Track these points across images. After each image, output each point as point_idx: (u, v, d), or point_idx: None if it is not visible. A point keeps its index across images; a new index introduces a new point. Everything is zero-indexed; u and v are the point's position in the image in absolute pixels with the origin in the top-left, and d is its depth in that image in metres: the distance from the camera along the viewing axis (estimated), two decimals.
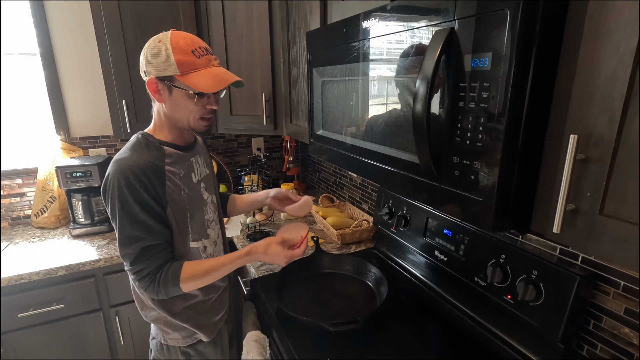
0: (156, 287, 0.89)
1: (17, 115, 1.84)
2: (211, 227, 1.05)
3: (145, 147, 0.90)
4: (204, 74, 0.86)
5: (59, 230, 1.83)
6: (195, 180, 1.00)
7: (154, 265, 0.88)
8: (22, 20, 1.75)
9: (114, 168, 0.85)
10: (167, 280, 0.88)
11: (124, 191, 0.83)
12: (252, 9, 1.62)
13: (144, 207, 0.85)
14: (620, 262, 0.47)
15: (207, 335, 1.04)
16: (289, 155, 2.28)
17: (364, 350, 0.96)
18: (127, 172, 0.83)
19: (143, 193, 0.85)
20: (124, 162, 0.85)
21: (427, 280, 1.23)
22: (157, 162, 0.89)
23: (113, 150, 2.02)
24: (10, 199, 1.86)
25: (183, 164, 0.97)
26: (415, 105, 0.61)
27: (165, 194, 0.89)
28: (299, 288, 1.22)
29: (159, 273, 0.89)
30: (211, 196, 1.07)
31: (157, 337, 1.05)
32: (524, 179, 0.56)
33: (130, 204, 0.84)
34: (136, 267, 0.88)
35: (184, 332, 1.02)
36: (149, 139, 0.92)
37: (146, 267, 0.88)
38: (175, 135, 0.96)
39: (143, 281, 0.89)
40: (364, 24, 0.82)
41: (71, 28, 1.82)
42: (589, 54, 0.46)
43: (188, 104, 0.89)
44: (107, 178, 0.86)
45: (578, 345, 0.87)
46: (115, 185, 0.84)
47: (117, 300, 1.60)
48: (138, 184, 0.84)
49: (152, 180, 0.86)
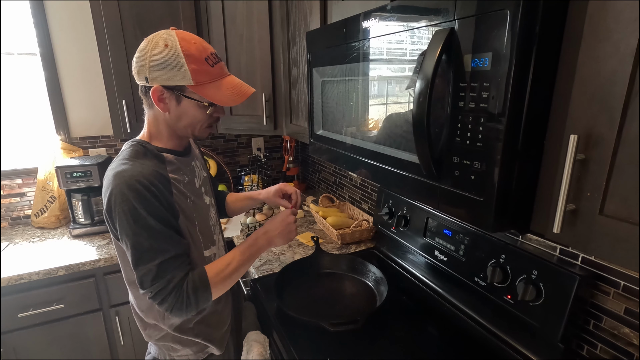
0: (185, 298, 0.79)
1: (17, 115, 1.84)
2: (216, 232, 1.02)
3: (143, 155, 0.83)
4: (221, 85, 0.82)
5: (59, 230, 1.83)
6: (198, 185, 0.96)
7: (179, 277, 0.79)
8: (22, 20, 1.75)
9: (117, 182, 0.76)
10: (197, 287, 0.80)
11: (134, 205, 0.75)
12: (252, 8, 1.62)
13: (159, 218, 0.77)
14: (620, 262, 0.47)
15: (218, 348, 0.99)
16: (289, 155, 2.28)
17: (364, 350, 0.96)
18: (134, 184, 0.75)
19: (155, 203, 0.77)
20: (128, 173, 0.76)
21: (427, 280, 1.23)
22: (160, 170, 0.82)
23: (113, 150, 2.02)
24: (10, 199, 1.86)
25: (186, 169, 0.92)
26: (415, 105, 0.61)
27: (174, 203, 0.84)
28: (299, 288, 1.22)
29: (185, 283, 0.80)
30: (211, 199, 1.05)
31: (160, 355, 0.99)
32: (524, 179, 0.56)
33: (144, 217, 0.76)
34: (159, 285, 0.78)
35: (196, 347, 0.96)
36: (146, 147, 0.85)
37: (170, 282, 0.79)
38: (174, 142, 0.91)
39: (169, 298, 0.78)
40: (364, 24, 0.81)
41: (71, 28, 1.82)
42: (589, 54, 0.46)
43: (197, 114, 0.85)
44: (111, 194, 0.76)
45: (578, 345, 0.87)
46: (124, 200, 0.75)
47: (117, 300, 1.60)
48: (149, 195, 0.76)
49: (160, 190, 0.79)
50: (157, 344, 0.97)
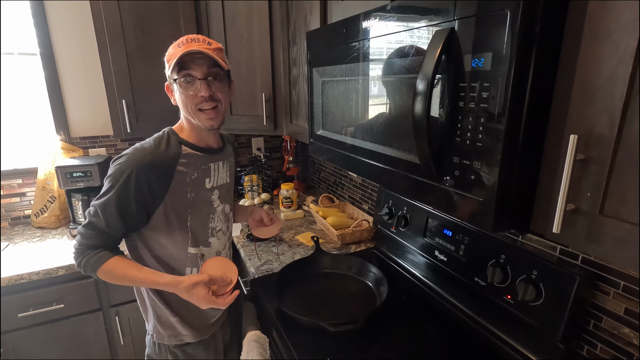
0: (80, 258, 0.91)
1: (17, 115, 1.84)
2: (216, 237, 1.04)
3: (165, 142, 0.93)
4: (177, 55, 0.86)
5: (59, 230, 1.83)
6: (209, 186, 1.00)
7: (93, 243, 0.91)
8: (22, 20, 1.75)
9: (130, 153, 0.89)
10: (87, 264, 0.90)
11: (119, 178, 0.86)
12: (252, 9, 1.62)
13: (120, 201, 0.87)
14: (620, 262, 0.47)
15: (193, 337, 1.03)
16: (289, 155, 2.28)
17: (364, 350, 0.96)
18: (133, 166, 0.86)
19: (130, 190, 0.87)
20: (139, 152, 0.89)
21: (427, 281, 1.23)
22: (168, 160, 0.91)
23: (113, 150, 2.02)
24: (10, 199, 1.86)
25: (199, 167, 0.97)
26: (415, 105, 0.61)
27: (162, 194, 0.91)
28: (299, 288, 1.22)
29: (89, 253, 0.90)
30: (224, 205, 1.06)
31: (150, 334, 1.06)
32: (524, 179, 0.56)
33: (113, 191, 0.87)
34: (85, 232, 0.91)
35: (170, 330, 1.02)
36: (171, 135, 0.95)
37: (87, 240, 0.91)
38: (196, 136, 0.97)
39: (78, 245, 0.92)
40: (364, 24, 0.81)
41: (71, 28, 1.82)
42: (589, 54, 0.46)
43: (181, 96, 0.91)
44: (122, 156, 0.89)
45: (578, 345, 0.87)
46: (119, 169, 0.87)
47: (117, 300, 1.60)
48: (133, 181, 0.86)
49: (149, 179, 0.88)
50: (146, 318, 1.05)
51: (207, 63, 0.89)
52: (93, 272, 0.91)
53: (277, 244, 1.57)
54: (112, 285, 1.56)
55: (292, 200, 1.94)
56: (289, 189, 1.94)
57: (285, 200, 1.94)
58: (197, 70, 0.88)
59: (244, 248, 1.56)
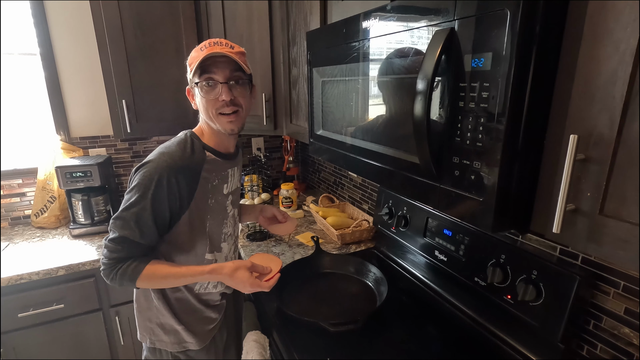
0: (113, 273, 0.88)
1: (17, 115, 1.84)
2: (226, 241, 1.05)
3: (190, 147, 0.91)
4: (199, 58, 0.85)
5: (59, 230, 1.83)
6: (225, 192, 1.00)
7: (124, 255, 0.88)
8: (22, 20, 1.75)
9: (157, 159, 0.87)
10: (124, 275, 0.88)
11: (150, 185, 0.84)
12: (252, 9, 1.62)
13: (155, 208, 0.86)
14: (620, 262, 0.47)
15: (197, 344, 1.02)
16: (289, 155, 2.28)
17: (364, 350, 0.96)
18: (163, 170, 0.85)
19: (165, 196, 0.85)
20: (166, 157, 0.87)
21: (427, 280, 1.23)
22: (194, 166, 0.90)
23: (113, 150, 2.02)
24: (10, 199, 1.86)
25: (220, 173, 0.97)
26: (415, 105, 0.61)
27: (189, 198, 0.90)
28: (299, 288, 1.22)
29: (121, 265, 0.88)
30: (234, 210, 1.06)
31: (145, 339, 1.04)
32: (524, 178, 0.56)
33: (147, 198, 0.84)
34: (113, 246, 0.87)
35: (173, 337, 1.01)
36: (195, 140, 0.93)
37: (118, 253, 0.87)
38: (216, 141, 0.96)
39: (108, 260, 0.88)
40: (364, 24, 0.81)
41: (71, 28, 1.82)
42: (589, 54, 0.46)
43: (202, 100, 0.89)
44: (148, 163, 0.87)
45: (578, 345, 0.87)
46: (148, 175, 0.85)
47: (117, 300, 1.60)
48: (166, 185, 0.85)
49: (180, 184, 0.87)
50: (143, 324, 1.03)
51: (229, 67, 0.88)
52: (131, 283, 0.89)
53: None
54: (112, 285, 1.56)
55: (292, 200, 1.94)
56: (289, 189, 1.94)
57: (285, 200, 1.94)
58: (219, 74, 0.87)
59: (244, 248, 1.56)
